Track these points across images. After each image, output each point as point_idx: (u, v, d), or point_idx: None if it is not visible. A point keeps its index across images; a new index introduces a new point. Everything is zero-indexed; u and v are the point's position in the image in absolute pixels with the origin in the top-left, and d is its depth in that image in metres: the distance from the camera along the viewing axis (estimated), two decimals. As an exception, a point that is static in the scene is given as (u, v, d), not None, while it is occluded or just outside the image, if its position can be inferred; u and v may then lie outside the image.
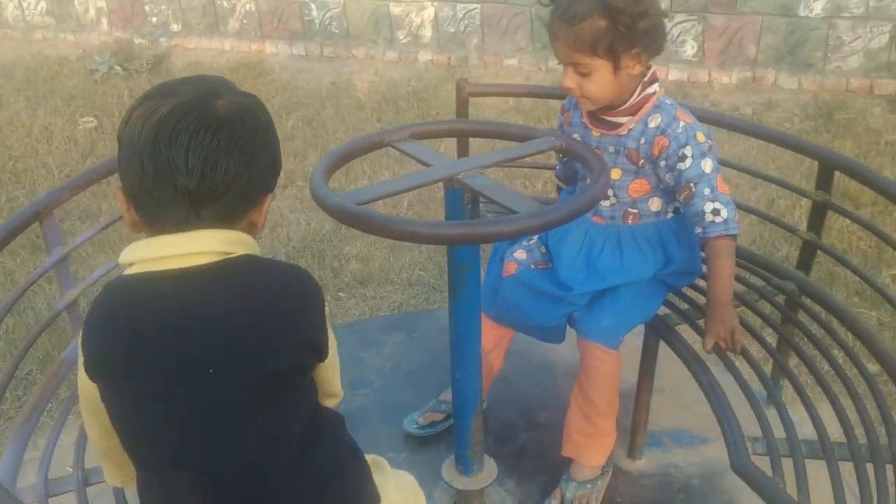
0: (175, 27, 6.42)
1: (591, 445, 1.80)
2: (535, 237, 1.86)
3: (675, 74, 5.10)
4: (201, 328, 1.02)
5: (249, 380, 1.03)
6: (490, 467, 1.67)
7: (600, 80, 1.57)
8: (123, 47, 6.04)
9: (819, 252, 1.98)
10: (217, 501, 1.06)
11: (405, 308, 3.02)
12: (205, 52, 6.23)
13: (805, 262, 1.99)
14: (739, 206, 2.22)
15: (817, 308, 1.91)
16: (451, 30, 5.63)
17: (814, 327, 1.87)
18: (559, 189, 2.02)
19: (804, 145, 2.03)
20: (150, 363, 1.02)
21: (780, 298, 1.91)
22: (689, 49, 5.12)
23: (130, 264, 1.07)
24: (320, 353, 1.13)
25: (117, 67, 5.61)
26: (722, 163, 1.84)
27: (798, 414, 1.78)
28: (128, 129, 1.04)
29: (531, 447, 1.99)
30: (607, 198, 1.74)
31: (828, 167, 1.90)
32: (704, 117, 1.76)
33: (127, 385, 1.04)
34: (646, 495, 1.84)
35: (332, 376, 1.23)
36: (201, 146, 1.01)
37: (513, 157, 1.45)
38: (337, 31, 5.94)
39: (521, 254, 1.83)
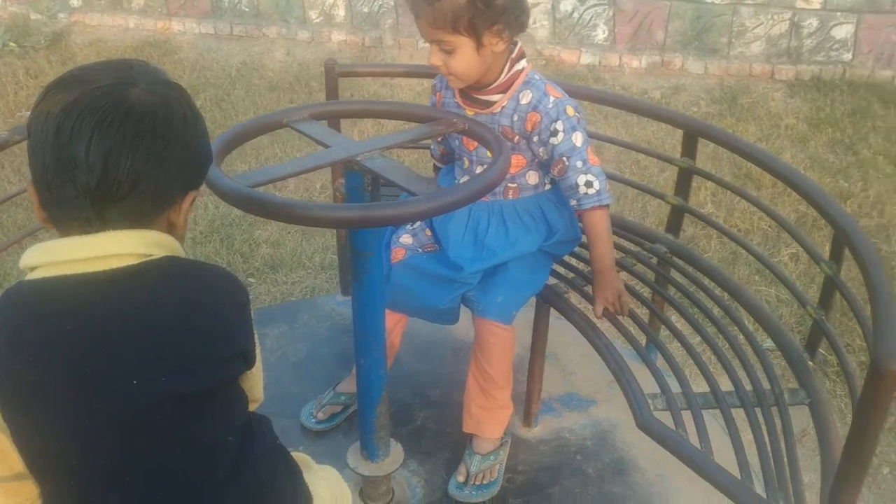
0: (75, 2, 6.12)
1: (491, 419, 1.84)
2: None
3: (586, 58, 5.16)
4: (122, 336, 0.95)
5: (178, 391, 0.96)
6: (396, 451, 1.66)
7: (464, 58, 1.58)
8: (18, 23, 5.73)
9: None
10: None
11: (318, 292, 2.97)
12: (107, 30, 5.97)
13: (674, 226, 2.09)
14: (617, 179, 2.30)
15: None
16: (365, 10, 5.55)
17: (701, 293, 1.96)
18: (436, 168, 2.02)
19: (668, 114, 2.12)
20: (66, 377, 0.93)
21: (655, 261, 2.02)
22: (601, 33, 5.19)
23: (33, 268, 0.98)
24: (249, 361, 1.08)
25: (12, 44, 5.33)
26: (595, 136, 1.87)
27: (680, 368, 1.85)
28: (34, 117, 0.95)
29: (429, 426, 2.01)
30: None
31: (692, 134, 1.99)
32: (572, 91, 1.82)
33: (37, 402, 0.94)
34: (545, 461, 1.91)
35: (256, 382, 1.18)
36: (104, 140, 0.92)
37: (414, 137, 1.43)
38: (247, 10, 5.78)
39: (407, 238, 1.83)
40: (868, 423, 1.14)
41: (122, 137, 0.93)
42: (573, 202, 1.71)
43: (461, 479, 1.82)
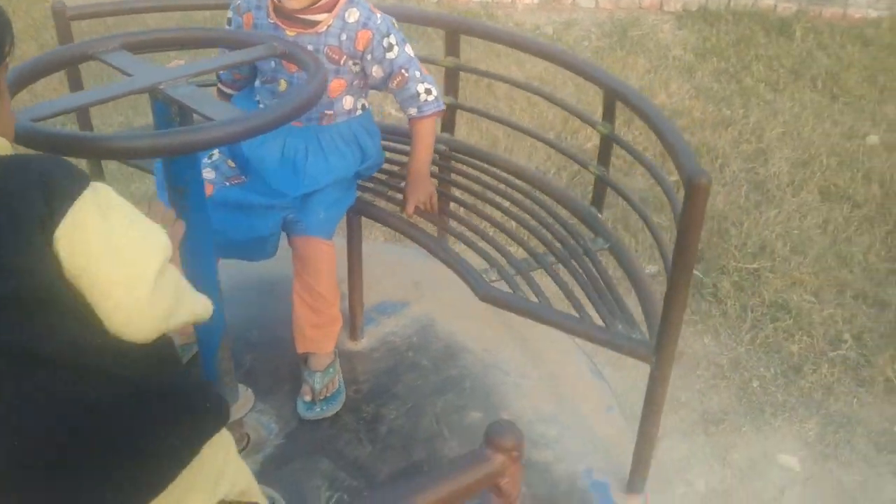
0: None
1: (325, 335, 1.85)
2: (217, 152, 1.81)
3: (479, -5, 5.09)
4: None
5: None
6: (247, 396, 1.62)
7: None
8: None
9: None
10: None
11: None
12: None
13: (449, 125, 2.20)
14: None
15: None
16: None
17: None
18: (222, 94, 1.89)
19: (427, 17, 2.25)
20: None
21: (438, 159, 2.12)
22: (492, -31, 5.12)
23: None
24: None
25: None
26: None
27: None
28: None
29: (260, 365, 1.98)
30: None
31: (453, 32, 2.05)
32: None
33: None
34: (382, 366, 2.01)
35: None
36: None
37: (228, 63, 1.36)
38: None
39: (209, 173, 1.75)
40: (690, 233, 1.35)
41: None
42: (413, 110, 1.77)
43: (308, 398, 1.83)
